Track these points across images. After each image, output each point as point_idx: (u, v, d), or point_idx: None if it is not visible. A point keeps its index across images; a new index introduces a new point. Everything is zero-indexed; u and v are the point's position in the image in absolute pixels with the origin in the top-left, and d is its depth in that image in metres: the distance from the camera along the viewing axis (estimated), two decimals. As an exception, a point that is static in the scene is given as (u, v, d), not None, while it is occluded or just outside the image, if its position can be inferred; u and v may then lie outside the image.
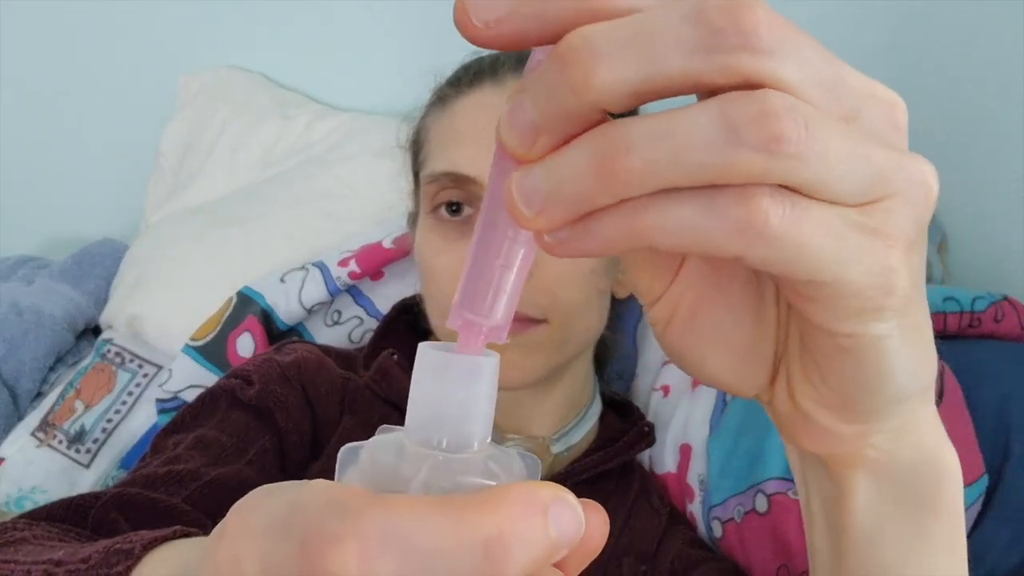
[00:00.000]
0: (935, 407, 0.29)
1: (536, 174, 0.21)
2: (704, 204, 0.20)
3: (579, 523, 0.20)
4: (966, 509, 0.61)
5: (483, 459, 0.22)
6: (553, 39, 0.21)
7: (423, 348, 0.23)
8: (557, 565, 0.21)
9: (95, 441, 0.93)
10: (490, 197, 0.23)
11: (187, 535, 0.34)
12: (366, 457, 0.22)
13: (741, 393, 0.29)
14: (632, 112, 0.21)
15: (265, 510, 0.20)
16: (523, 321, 0.60)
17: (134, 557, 0.32)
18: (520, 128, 0.21)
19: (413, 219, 0.73)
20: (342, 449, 0.22)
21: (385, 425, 0.23)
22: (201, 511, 0.52)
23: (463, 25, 0.21)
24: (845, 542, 0.30)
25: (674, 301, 0.28)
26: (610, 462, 0.69)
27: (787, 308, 0.28)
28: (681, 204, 0.20)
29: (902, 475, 0.28)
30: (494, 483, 0.21)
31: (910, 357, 0.25)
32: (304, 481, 0.20)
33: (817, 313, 0.24)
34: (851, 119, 0.22)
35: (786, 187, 0.20)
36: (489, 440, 0.23)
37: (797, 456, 0.31)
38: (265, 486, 0.21)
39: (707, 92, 0.21)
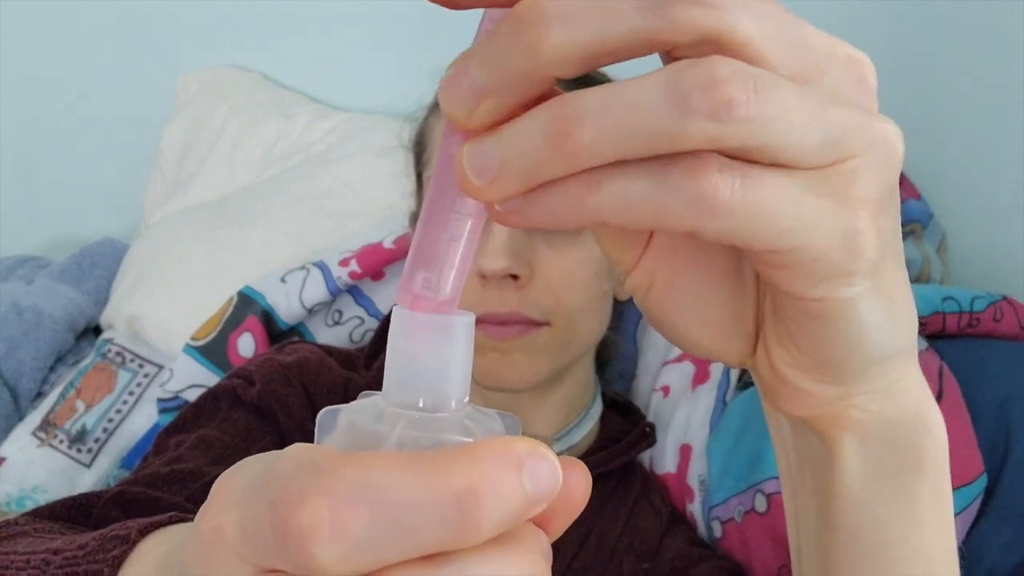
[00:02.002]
0: (918, 367, 0.29)
1: (487, 144, 0.21)
2: (654, 179, 0.20)
3: (556, 477, 0.19)
4: (965, 509, 0.62)
5: (460, 417, 0.22)
6: (511, 2, 0.21)
7: (397, 310, 0.23)
8: (540, 523, 0.20)
9: (96, 441, 0.93)
10: (438, 171, 0.23)
11: (183, 521, 0.35)
12: (343, 419, 0.22)
13: (726, 360, 0.29)
14: (583, 83, 0.20)
15: (244, 478, 0.20)
16: (526, 324, 0.60)
17: (130, 542, 0.32)
18: (462, 91, 0.21)
19: (415, 219, 0.73)
20: (321, 412, 0.22)
21: (366, 391, 0.23)
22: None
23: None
24: (833, 505, 0.30)
25: (649, 270, 0.28)
26: (611, 462, 0.69)
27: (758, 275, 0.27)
28: (631, 180, 0.20)
29: (887, 435, 0.28)
30: (471, 440, 0.21)
31: (883, 318, 0.24)
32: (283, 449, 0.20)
33: (784, 280, 0.23)
34: (812, 77, 0.22)
35: (740, 156, 0.20)
36: (467, 400, 0.22)
37: (783, 422, 0.31)
38: (244, 458, 0.22)
39: (669, 56, 0.21)
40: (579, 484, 0.20)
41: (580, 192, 0.21)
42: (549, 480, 0.19)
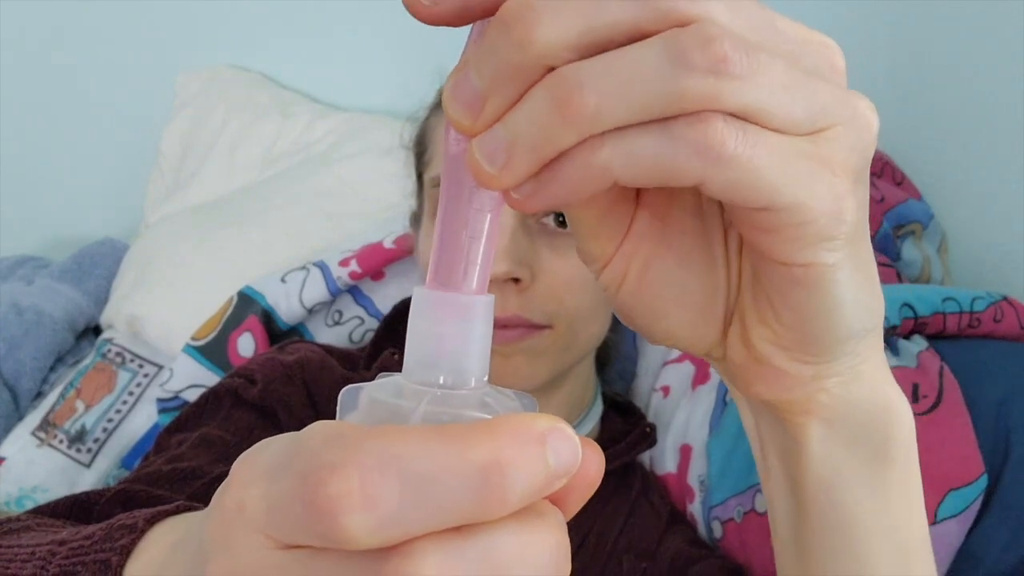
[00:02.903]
0: (884, 355, 0.30)
1: (495, 130, 0.21)
2: (662, 132, 0.21)
3: (576, 453, 0.20)
4: (965, 509, 0.62)
5: (480, 395, 0.22)
6: (495, 11, 0.21)
7: (419, 290, 0.23)
8: (556, 500, 0.21)
9: (96, 441, 0.93)
10: (449, 172, 0.23)
11: (189, 510, 0.35)
12: (365, 397, 0.22)
13: (694, 350, 0.30)
14: None
15: (267, 455, 0.21)
16: (528, 327, 0.59)
17: (138, 531, 0.32)
18: (465, 98, 0.21)
19: (416, 219, 0.73)
20: (343, 391, 0.23)
21: (384, 372, 0.24)
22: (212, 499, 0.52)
23: (412, 5, 0.22)
24: (803, 491, 0.30)
25: (625, 262, 0.29)
26: (612, 463, 0.69)
27: (737, 255, 0.28)
28: (640, 136, 0.21)
29: (854, 420, 0.29)
30: (491, 416, 0.21)
31: (860, 289, 0.25)
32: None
33: (773, 244, 0.24)
34: (789, 62, 0.22)
35: (736, 116, 0.21)
36: (486, 379, 0.23)
37: (751, 411, 0.32)
38: (266, 439, 0.22)
39: None
40: (594, 463, 0.21)
41: (589, 158, 0.21)
42: (570, 455, 0.20)
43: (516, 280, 0.58)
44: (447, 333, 0.22)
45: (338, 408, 0.23)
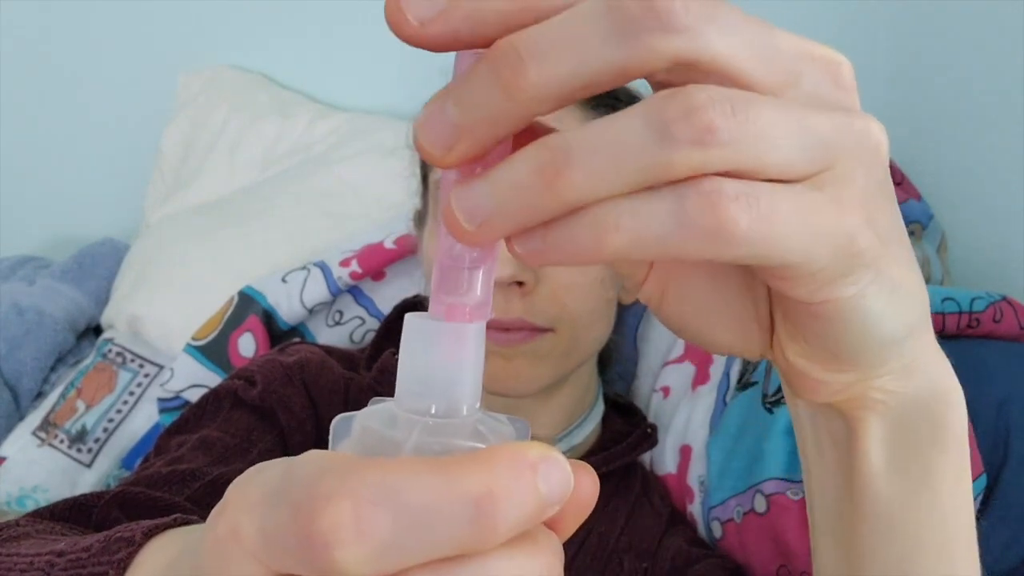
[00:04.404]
0: (935, 341, 0.29)
1: (477, 188, 0.21)
2: (670, 215, 0.20)
3: (568, 480, 0.20)
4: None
5: (473, 423, 0.22)
6: (484, 42, 0.21)
7: (409, 317, 0.23)
8: (550, 524, 0.21)
9: (96, 441, 0.93)
10: (445, 187, 0.23)
11: (187, 523, 0.35)
12: (358, 426, 0.22)
13: (749, 355, 0.30)
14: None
15: (261, 482, 0.21)
16: (529, 330, 0.59)
17: (135, 544, 0.32)
18: (438, 130, 0.21)
19: (420, 218, 0.73)
20: (335, 420, 0.23)
21: (376, 397, 0.24)
22: (204, 510, 0.52)
23: (398, 24, 0.21)
24: (855, 481, 0.30)
25: (661, 280, 0.29)
26: (613, 463, 0.69)
27: None
28: (649, 218, 0.21)
29: (910, 412, 0.29)
30: (484, 445, 0.21)
31: (888, 305, 0.25)
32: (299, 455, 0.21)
33: (788, 289, 0.24)
34: (789, 85, 0.22)
35: (732, 175, 0.21)
36: (478, 406, 0.23)
37: (800, 404, 0.32)
38: (261, 463, 0.22)
39: (655, 83, 0.22)
40: (587, 487, 0.21)
41: (600, 234, 0.21)
42: (562, 484, 0.20)
43: (520, 283, 0.58)
44: (439, 361, 0.22)
45: (330, 437, 0.23)
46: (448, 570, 0.19)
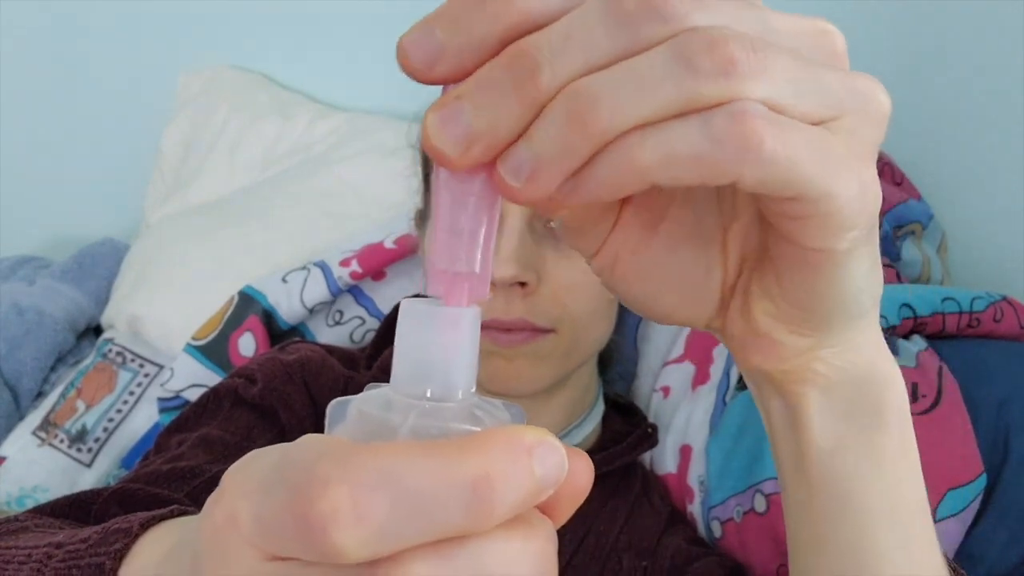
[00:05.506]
0: (879, 330, 0.31)
1: (518, 148, 0.21)
2: (699, 132, 0.21)
3: (562, 464, 0.20)
4: (965, 508, 0.62)
5: (468, 407, 0.22)
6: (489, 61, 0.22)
7: (406, 302, 0.23)
8: (546, 509, 0.21)
9: (96, 440, 0.93)
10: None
11: (184, 514, 0.35)
12: (354, 410, 0.22)
13: (693, 324, 0.31)
14: None
15: (257, 468, 0.21)
16: (531, 331, 0.59)
17: (132, 535, 0.33)
18: (456, 135, 0.21)
19: (421, 217, 0.73)
20: (331, 404, 0.23)
21: (372, 383, 0.24)
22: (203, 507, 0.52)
23: (411, 71, 0.22)
24: (805, 459, 0.31)
25: (615, 248, 0.30)
26: (613, 463, 0.69)
27: (738, 235, 0.29)
28: (678, 137, 0.21)
29: (849, 387, 0.30)
30: (480, 429, 0.21)
31: (869, 271, 0.26)
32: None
33: (796, 230, 0.24)
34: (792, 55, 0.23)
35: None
36: (474, 390, 0.23)
37: (755, 383, 0.33)
38: (256, 450, 0.22)
39: None
40: (583, 472, 0.21)
41: (628, 158, 0.21)
42: (557, 467, 0.20)
43: (522, 284, 0.58)
44: (434, 345, 0.22)
45: (327, 421, 0.23)
46: (444, 552, 0.19)
